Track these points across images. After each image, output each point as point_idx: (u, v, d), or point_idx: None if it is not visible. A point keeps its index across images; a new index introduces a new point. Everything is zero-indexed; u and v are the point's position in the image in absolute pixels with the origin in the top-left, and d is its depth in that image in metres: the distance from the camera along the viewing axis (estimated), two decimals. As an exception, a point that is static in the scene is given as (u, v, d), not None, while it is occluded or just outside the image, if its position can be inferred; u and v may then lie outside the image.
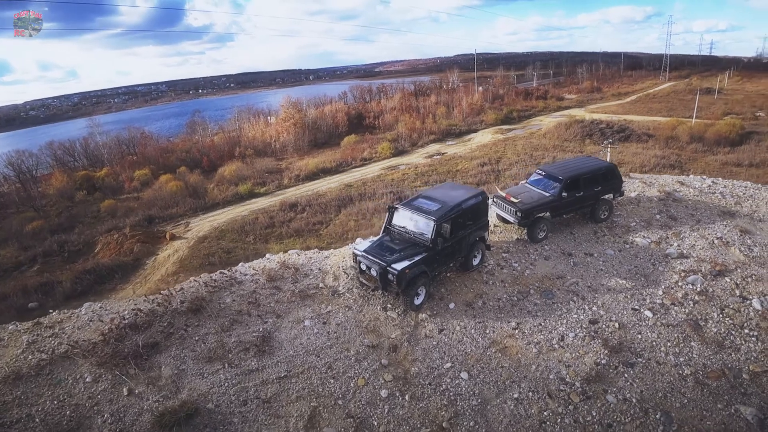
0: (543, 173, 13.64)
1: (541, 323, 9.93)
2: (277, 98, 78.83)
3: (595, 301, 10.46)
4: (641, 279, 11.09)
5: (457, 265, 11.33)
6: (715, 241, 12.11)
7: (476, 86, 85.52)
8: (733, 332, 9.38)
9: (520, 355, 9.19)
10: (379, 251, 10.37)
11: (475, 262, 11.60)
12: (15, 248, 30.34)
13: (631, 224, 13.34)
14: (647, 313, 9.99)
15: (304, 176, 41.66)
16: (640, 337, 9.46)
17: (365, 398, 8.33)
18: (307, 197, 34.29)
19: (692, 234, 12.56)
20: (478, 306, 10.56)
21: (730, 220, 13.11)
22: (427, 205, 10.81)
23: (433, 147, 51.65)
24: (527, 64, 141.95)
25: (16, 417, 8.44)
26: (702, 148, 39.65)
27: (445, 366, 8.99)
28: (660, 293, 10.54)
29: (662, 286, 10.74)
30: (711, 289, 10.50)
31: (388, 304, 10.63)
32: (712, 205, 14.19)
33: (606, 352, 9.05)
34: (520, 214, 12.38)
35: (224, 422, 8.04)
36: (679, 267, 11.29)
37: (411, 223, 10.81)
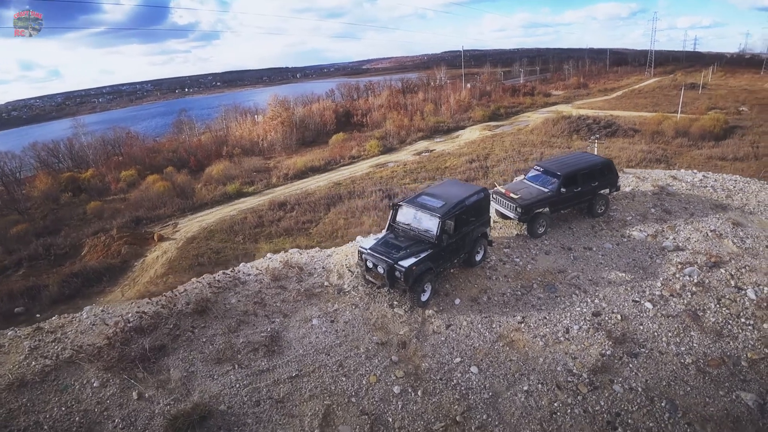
0: (541, 169, 13.86)
1: (546, 316, 10.13)
2: (264, 97, 78.03)
3: (596, 294, 10.70)
4: (640, 271, 11.37)
5: (460, 262, 11.47)
6: (709, 234, 12.46)
7: (464, 83, 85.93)
8: (730, 321, 9.69)
9: (527, 348, 9.36)
10: (385, 249, 10.46)
11: (478, 258, 11.76)
12: (-1, 252, 29.64)
13: (628, 218, 13.64)
14: (647, 305, 10.25)
15: (292, 175, 41.33)
16: (641, 328, 9.71)
17: (378, 395, 8.42)
18: (296, 196, 34.09)
19: (687, 227, 12.91)
20: (484, 301, 10.72)
21: (722, 213, 13.50)
22: (431, 203, 10.91)
23: (422, 144, 51.71)
24: (514, 61, 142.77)
25: (23, 425, 8.34)
26: (687, 142, 40.47)
27: (455, 361, 9.12)
28: (659, 285, 10.83)
29: (660, 278, 11.03)
30: (707, 280, 10.82)
31: (394, 301, 10.72)
32: (704, 198, 14.59)
33: (610, 344, 9.27)
34: (520, 210, 12.56)
35: (238, 423, 8.05)
36: (675, 259, 11.61)
37: (415, 220, 10.91)
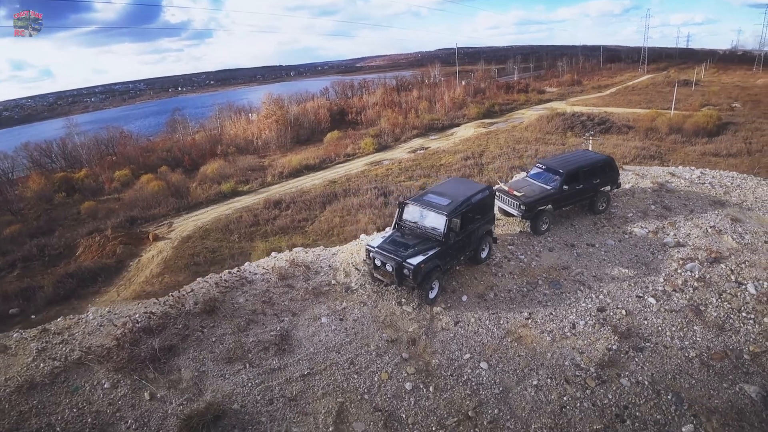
0: (543, 167, 14.01)
1: (552, 312, 10.29)
2: (258, 95, 77.90)
3: (601, 290, 10.88)
4: (642, 267, 11.57)
5: (466, 259, 11.59)
6: (709, 230, 12.70)
7: (458, 80, 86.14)
8: (731, 316, 9.91)
9: (535, 344, 9.51)
10: (393, 247, 10.55)
11: (484, 255, 11.88)
12: (-8, 254, 29.35)
13: (628, 215, 13.85)
14: (651, 300, 10.45)
15: (287, 173, 41.38)
16: (646, 322, 9.89)
17: (391, 392, 8.52)
18: (291, 194, 34.15)
19: (687, 223, 13.14)
20: (490, 298, 10.86)
21: (721, 209, 13.75)
22: (437, 201, 11.01)
23: (417, 142, 51.87)
24: (508, 58, 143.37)
25: (35, 427, 8.33)
26: (681, 139, 40.98)
27: (465, 357, 9.24)
28: (661, 281, 11.03)
29: (663, 274, 11.24)
30: (708, 275, 11.04)
31: (402, 299, 10.82)
32: (702, 195, 14.84)
33: (616, 338, 9.44)
34: (524, 207, 12.70)
35: (252, 422, 8.11)
36: (677, 255, 11.82)
37: (422, 218, 11.00)
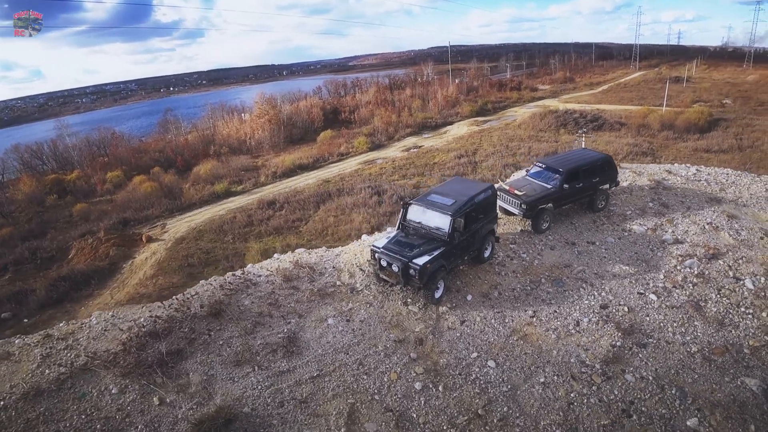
0: (543, 166, 14.15)
1: (556, 310, 10.42)
2: (251, 94, 77.45)
3: (603, 287, 11.04)
4: (642, 264, 11.76)
5: (470, 258, 11.69)
6: (706, 227, 12.93)
7: (451, 78, 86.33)
8: (731, 311, 10.11)
9: (540, 342, 9.64)
10: (399, 247, 10.61)
11: (487, 254, 11.99)
12: (-17, 257, 28.96)
13: (627, 212, 14.04)
14: (652, 297, 10.63)
15: (281, 173, 41.24)
16: (648, 319, 10.07)
17: (401, 391, 8.59)
18: (284, 194, 34.07)
19: (684, 220, 13.36)
20: (495, 296, 10.97)
21: (717, 206, 13.99)
22: (441, 201, 11.10)
23: (410, 140, 51.92)
24: (500, 56, 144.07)
25: (44, 433, 8.29)
26: (673, 135, 41.44)
27: (472, 356, 9.34)
28: (661, 277, 11.22)
29: (662, 271, 11.43)
30: (707, 271, 11.25)
31: (408, 299, 10.90)
32: (699, 192, 15.09)
33: (619, 335, 9.60)
34: (525, 206, 12.83)
35: (264, 425, 8.13)
36: (675, 252, 12.02)
37: (426, 218, 11.08)
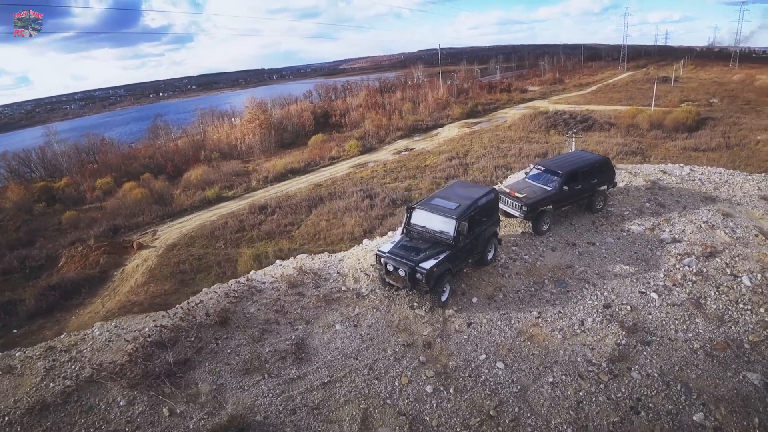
0: (542, 168, 14.34)
1: (561, 311, 10.57)
2: (241, 99, 77.25)
3: (605, 287, 11.22)
4: (642, 264, 11.97)
5: (474, 261, 11.80)
6: (702, 225, 13.21)
7: (441, 81, 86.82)
8: (730, 307, 10.35)
9: (547, 342, 9.77)
10: (405, 252, 10.69)
11: (490, 256, 12.11)
12: (-29, 267, 28.52)
13: (625, 213, 14.29)
14: (653, 295, 10.83)
15: (272, 178, 41.34)
16: (650, 317, 10.26)
17: (412, 395, 8.65)
18: (276, 199, 34.14)
19: (681, 219, 13.64)
20: (499, 298, 11.09)
21: (712, 205, 14.30)
22: (445, 205, 11.20)
23: (401, 143, 52.20)
24: (490, 58, 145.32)
25: (52, 448, 8.20)
26: (662, 134, 42.22)
27: (480, 358, 9.44)
28: (661, 276, 11.44)
29: (662, 269, 11.65)
30: (705, 269, 11.50)
31: (414, 303, 10.96)
32: (694, 191, 15.40)
33: (624, 333, 9.77)
34: (526, 208, 12.98)
35: (277, 432, 8.14)
36: (674, 251, 12.26)
37: (430, 222, 11.17)
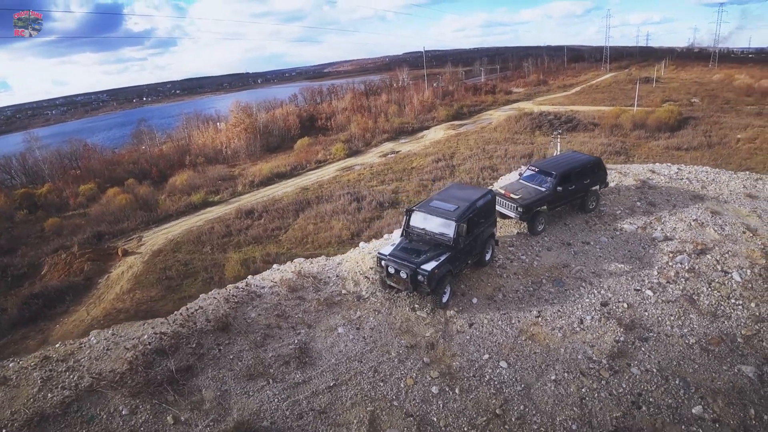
0: (536, 169, 14.57)
1: (560, 309, 10.76)
2: (226, 103, 76.47)
3: (601, 285, 11.46)
4: (636, 262, 12.26)
5: (473, 262, 11.93)
6: (692, 223, 13.58)
7: (426, 83, 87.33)
8: (722, 303, 10.66)
9: (547, 341, 9.93)
10: (406, 254, 10.76)
11: (488, 257, 12.27)
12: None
13: (617, 212, 14.60)
14: (648, 293, 11.10)
15: (258, 182, 41.03)
16: (646, 314, 10.51)
17: (418, 396, 8.71)
18: (263, 203, 33.96)
19: (671, 218, 13.99)
20: (499, 299, 11.24)
21: (700, 203, 14.72)
22: (444, 207, 11.32)
23: (387, 146, 52.29)
24: (475, 60, 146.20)
25: (53, 460, 8.04)
26: (645, 134, 43.14)
27: (484, 358, 9.55)
28: (655, 273, 11.73)
29: (656, 267, 11.95)
30: (697, 266, 11.82)
31: (415, 305, 11.04)
32: (682, 190, 15.83)
33: (622, 330, 9.99)
34: (522, 209, 13.18)
35: (285, 437, 8.11)
36: (666, 249, 12.58)
37: (430, 224, 11.27)
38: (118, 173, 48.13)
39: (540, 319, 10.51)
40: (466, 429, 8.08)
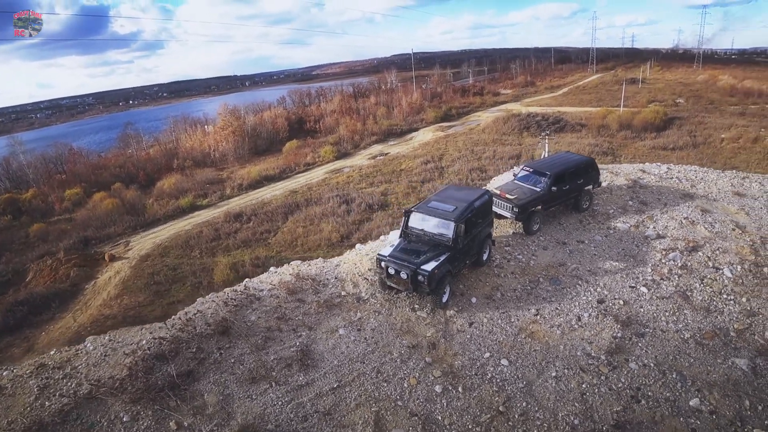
0: (530, 170, 14.76)
1: (557, 307, 10.92)
2: (214, 106, 75.95)
3: (597, 283, 11.65)
4: (630, 260, 12.50)
5: (471, 262, 12.04)
6: (683, 221, 13.89)
7: (414, 85, 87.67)
8: (715, 298, 10.93)
9: (547, 338, 10.07)
10: (405, 255, 10.83)
11: (485, 257, 12.39)
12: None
13: (610, 211, 14.87)
14: (643, 289, 11.32)
15: (247, 185, 40.87)
16: (642, 310, 10.72)
17: (422, 396, 8.76)
18: (251, 206, 33.82)
19: (663, 216, 14.30)
20: (498, 298, 11.36)
21: (690, 202, 15.06)
22: (442, 208, 11.41)
23: (376, 148, 52.36)
24: (463, 62, 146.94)
25: (54, 470, 7.91)
26: (631, 134, 43.89)
27: (485, 356, 9.65)
28: (649, 271, 11.97)
29: (649, 264, 12.19)
30: (689, 263, 12.10)
31: (415, 305, 11.10)
32: (672, 189, 16.18)
33: (618, 327, 10.17)
34: (517, 209, 13.34)
35: (290, 440, 8.10)
36: (659, 246, 12.85)
37: (429, 225, 11.36)
38: (105, 177, 47.60)
39: (538, 317, 10.65)
40: (470, 427, 8.16)
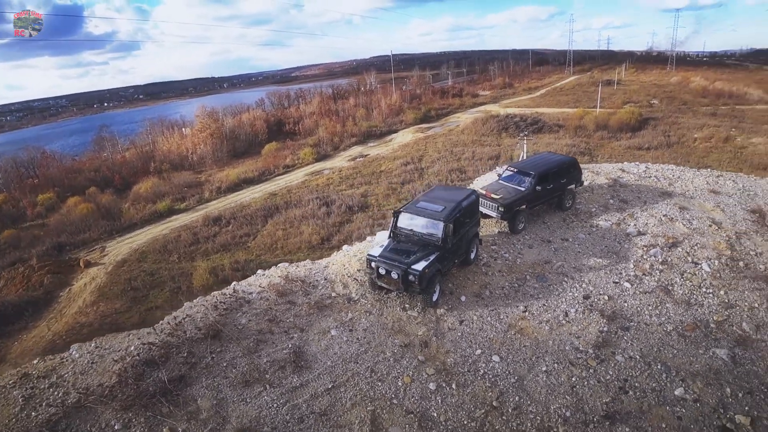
0: (515, 170, 15.05)
1: (545, 304, 11.17)
2: (191, 108, 74.77)
3: (582, 279, 11.96)
4: (613, 256, 12.87)
5: (459, 261, 12.21)
6: (663, 218, 14.38)
7: (394, 87, 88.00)
8: (694, 292, 11.35)
9: (536, 334, 10.29)
10: (395, 255, 10.92)
11: (473, 256, 12.58)
12: None
13: (592, 210, 15.28)
14: (626, 285, 11.68)
15: (225, 188, 40.53)
16: (626, 305, 11.05)
17: (417, 394, 8.85)
18: (230, 210, 33.56)
19: (643, 214, 14.77)
20: (486, 296, 11.55)
21: (669, 200, 15.60)
22: (431, 208, 11.55)
23: (356, 149, 52.51)
24: (441, 64, 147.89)
25: (43, 482, 7.70)
26: (607, 135, 45.18)
27: (476, 353, 9.80)
28: (631, 267, 12.35)
29: (631, 261, 12.58)
30: (669, 258, 12.54)
31: (405, 304, 11.20)
32: (651, 187, 16.72)
33: (604, 321, 10.47)
34: (503, 208, 13.58)
35: (287, 441, 8.08)
36: (640, 243, 13.27)
37: (418, 225, 11.48)
38: (79, 181, 46.44)
39: (527, 313, 10.88)
40: (465, 422, 8.29)
